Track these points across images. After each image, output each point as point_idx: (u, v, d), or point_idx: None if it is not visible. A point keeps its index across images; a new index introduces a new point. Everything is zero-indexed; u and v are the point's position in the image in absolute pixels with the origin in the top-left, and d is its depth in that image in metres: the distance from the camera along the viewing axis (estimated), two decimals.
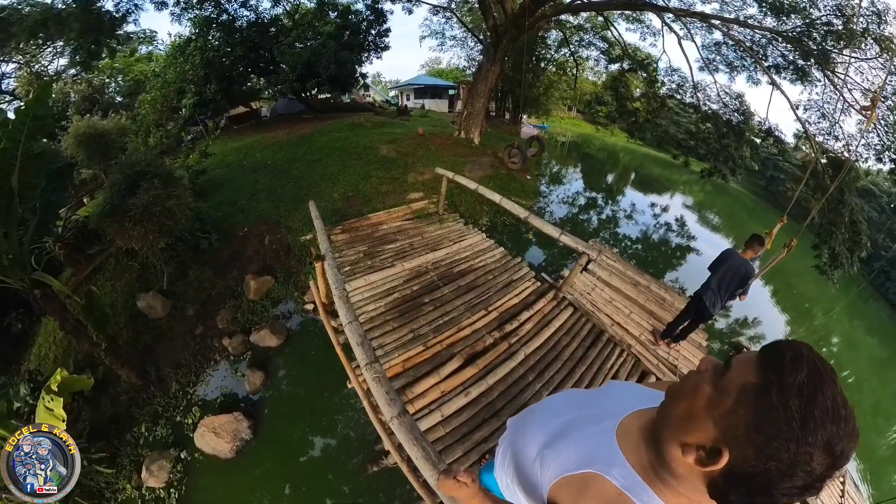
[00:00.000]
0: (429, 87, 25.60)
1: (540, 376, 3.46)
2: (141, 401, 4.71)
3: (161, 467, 3.85)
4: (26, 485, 2.13)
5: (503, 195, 8.05)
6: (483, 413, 3.03)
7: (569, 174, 15.74)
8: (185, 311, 5.81)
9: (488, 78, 10.50)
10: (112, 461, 4.09)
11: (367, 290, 4.33)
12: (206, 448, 3.97)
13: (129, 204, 4.99)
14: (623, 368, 3.78)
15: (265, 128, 13.63)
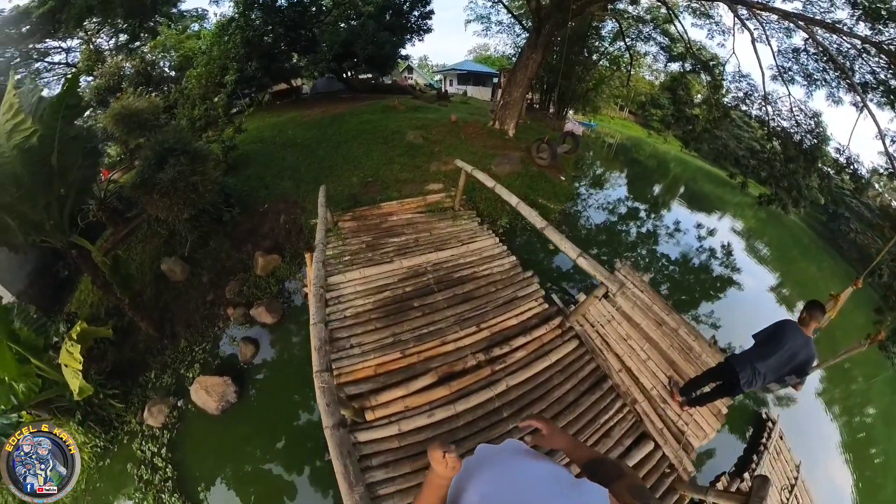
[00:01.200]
0: (472, 74, 25.28)
1: (517, 415, 3.15)
2: (155, 350, 5.40)
3: (160, 411, 4.49)
4: (26, 485, 2.13)
5: (530, 196, 8.04)
6: (441, 438, 2.97)
7: (612, 179, 14.80)
8: (200, 277, 6.37)
9: (529, 66, 10.09)
10: (124, 397, 4.81)
11: (360, 283, 4.47)
12: (198, 402, 4.53)
13: (157, 178, 5.55)
14: (619, 427, 3.28)
15: (303, 105, 14.18)
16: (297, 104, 14.75)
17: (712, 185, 18.57)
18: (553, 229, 3.70)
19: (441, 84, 27.83)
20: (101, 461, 4.34)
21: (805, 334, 2.86)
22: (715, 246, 10.21)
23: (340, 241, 5.54)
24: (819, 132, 9.72)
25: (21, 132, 3.64)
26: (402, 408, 3.09)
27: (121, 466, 4.26)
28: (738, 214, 14.55)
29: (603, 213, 10.61)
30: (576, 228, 8.84)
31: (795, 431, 4.80)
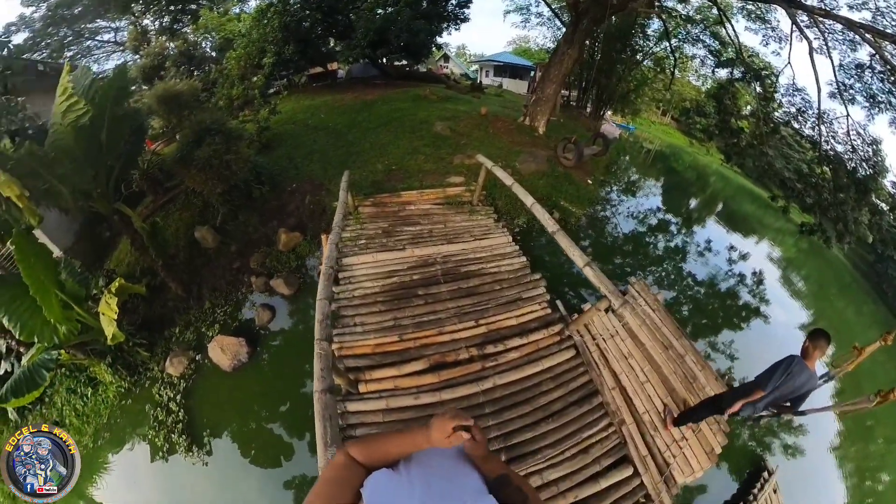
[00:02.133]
0: (509, 66, 24.88)
1: (498, 414, 3.25)
2: (181, 309, 5.96)
3: (180, 362, 5.07)
4: (26, 485, 2.14)
5: (553, 197, 8.02)
6: (422, 422, 3.16)
7: (645, 187, 14.11)
8: (229, 247, 6.88)
9: (564, 62, 9.88)
10: (150, 348, 5.41)
11: (372, 266, 4.73)
12: (214, 358, 5.04)
13: (194, 154, 6.08)
14: (600, 445, 3.21)
15: (338, 89, 14.55)
16: (331, 88, 15.15)
17: (753, 206, 17.19)
18: (563, 234, 3.63)
19: (477, 75, 27.62)
20: (124, 400, 4.96)
21: (810, 368, 2.71)
22: (746, 272, 9.53)
23: (359, 224, 5.81)
24: (877, 161, 9.06)
25: (74, 112, 4.06)
26: (391, 386, 3.36)
27: (140, 407, 4.86)
28: (777, 241, 13.46)
29: (631, 221, 10.14)
30: (602, 235, 8.62)
31: (795, 486, 4.46)
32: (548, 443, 3.13)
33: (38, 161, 4.18)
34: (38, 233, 4.91)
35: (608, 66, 15.33)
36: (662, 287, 7.49)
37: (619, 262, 7.94)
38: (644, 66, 16.86)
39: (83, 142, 4.37)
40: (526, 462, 3.01)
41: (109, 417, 4.82)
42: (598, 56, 15.18)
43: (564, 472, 3.02)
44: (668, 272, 8.28)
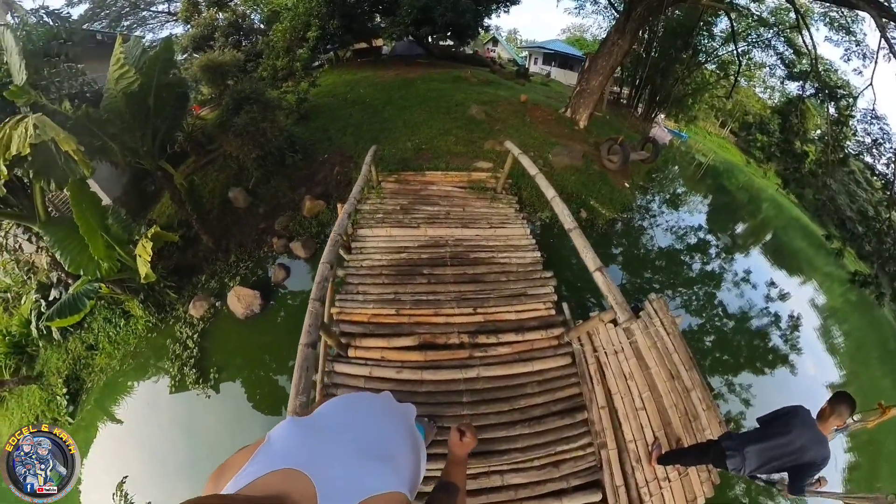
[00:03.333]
0: (559, 55, 23.91)
1: (474, 406, 3.22)
2: (209, 260, 6.61)
3: (202, 306, 5.73)
4: (26, 485, 2.13)
5: (582, 195, 7.81)
6: (399, 397, 3.18)
7: (690, 202, 12.89)
8: (258, 208, 7.37)
9: (613, 53, 9.38)
10: (178, 290, 6.13)
11: (384, 240, 4.90)
12: (231, 306, 5.66)
13: (233, 121, 6.61)
14: (573, 463, 3.06)
15: (380, 66, 14.72)
16: (374, 64, 15.34)
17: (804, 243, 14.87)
18: (580, 233, 3.38)
19: (525, 61, 26.89)
20: (150, 333, 5.66)
21: (820, 431, 2.33)
22: (783, 313, 8.60)
23: (379, 199, 5.99)
24: None
25: (126, 79, 4.55)
26: (378, 356, 3.49)
27: (162, 341, 5.50)
28: (823, 286, 11.78)
29: (669, 236, 9.35)
30: (634, 245, 8.17)
31: None
32: (518, 446, 3.05)
33: (93, 121, 4.76)
34: (91, 183, 5.50)
35: (666, 65, 14.27)
36: (689, 312, 7.03)
37: (647, 276, 7.56)
38: (706, 69, 15.42)
39: (132, 106, 4.89)
40: (490, 460, 2.98)
41: (136, 346, 5.55)
42: (655, 52, 14.23)
43: (528, 480, 2.95)
44: (697, 296, 7.66)
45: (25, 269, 7.56)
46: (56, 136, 3.81)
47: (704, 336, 6.74)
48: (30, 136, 3.64)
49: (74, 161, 4.16)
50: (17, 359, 6.37)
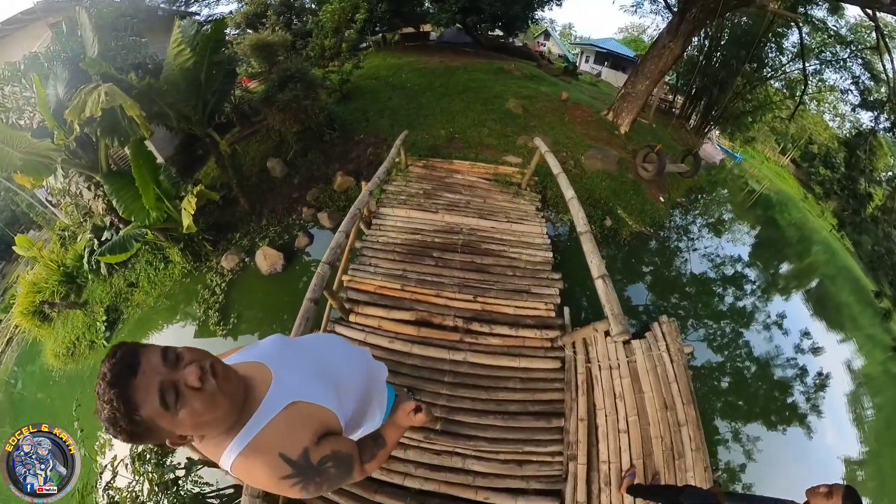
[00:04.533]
0: (611, 54, 23.10)
1: (453, 387, 3.34)
2: (244, 220, 7.30)
3: (232, 259, 6.46)
4: (26, 485, 2.15)
5: (610, 202, 7.66)
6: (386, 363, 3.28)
7: (732, 231, 11.73)
8: (293, 178, 7.92)
9: (663, 56, 9.02)
10: (214, 244, 6.86)
11: (402, 220, 5.20)
12: (257, 262, 6.34)
13: (277, 97, 7.14)
14: (536, 467, 3.04)
15: (426, 52, 14.91)
16: (420, 50, 15.55)
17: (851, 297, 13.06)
18: (590, 238, 3.32)
19: (577, 58, 26.22)
20: (185, 279, 6.46)
21: None
22: (811, 369, 7.72)
23: (405, 181, 6.27)
24: None
25: (182, 57, 5.12)
26: (375, 325, 3.78)
27: (194, 287, 6.24)
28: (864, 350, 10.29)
29: (703, 262, 8.67)
30: (663, 264, 7.78)
31: None
32: (487, 436, 3.11)
33: (153, 91, 5.41)
34: (148, 143, 6.11)
35: (725, 76, 13.18)
36: (711, 347, 6.67)
37: (673, 300, 7.18)
38: (770, 86, 14.05)
39: (187, 80, 5.53)
40: (457, 442, 3.09)
41: (171, 289, 6.35)
42: (715, 61, 13.43)
43: (490, 470, 3.02)
44: (723, 332, 7.11)
45: (83, 213, 8.58)
46: (123, 103, 4.39)
47: (721, 375, 6.30)
48: (101, 102, 4.20)
49: (136, 124, 4.79)
50: (68, 287, 7.42)
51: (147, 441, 0.82)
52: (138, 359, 0.79)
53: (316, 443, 0.97)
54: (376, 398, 1.49)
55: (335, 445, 1.02)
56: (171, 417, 0.79)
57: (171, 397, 0.78)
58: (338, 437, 1.07)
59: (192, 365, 0.83)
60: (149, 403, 0.76)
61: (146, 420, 0.77)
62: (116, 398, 0.74)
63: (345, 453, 1.04)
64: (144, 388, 0.76)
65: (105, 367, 0.76)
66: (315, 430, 1.00)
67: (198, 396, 0.81)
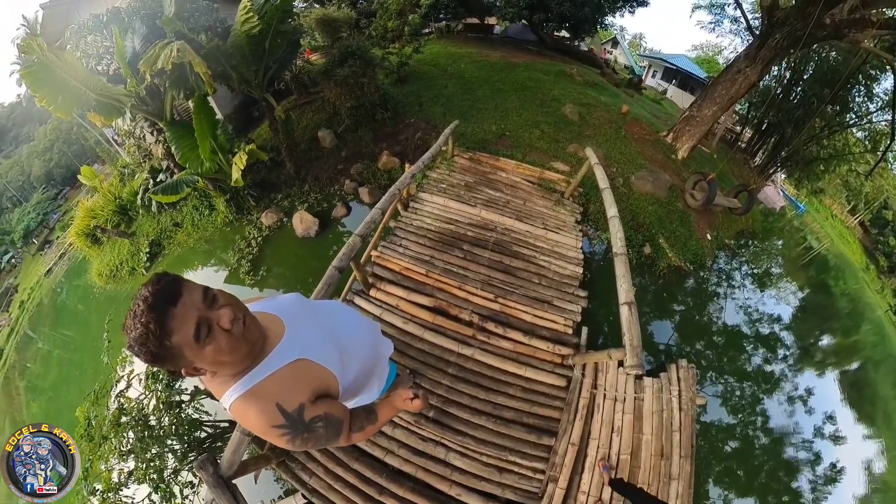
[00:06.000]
0: (681, 72, 21.91)
1: (455, 380, 3.39)
2: (287, 183, 7.73)
3: (271, 217, 6.94)
4: (26, 485, 2.15)
5: (653, 229, 7.34)
6: (395, 343, 3.42)
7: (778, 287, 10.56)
8: (340, 151, 8.17)
9: (736, 82, 8.43)
10: (257, 200, 7.37)
11: (439, 208, 5.25)
12: (293, 224, 6.75)
13: (336, 71, 7.43)
14: (517, 478, 3.06)
15: (487, 44, 14.74)
16: (482, 42, 15.39)
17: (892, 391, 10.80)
18: (624, 261, 3.21)
19: (643, 71, 25.20)
20: (225, 227, 7.04)
21: None
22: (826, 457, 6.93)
23: (448, 171, 6.29)
24: None
25: (249, 24, 5.38)
26: (393, 303, 3.89)
27: (233, 236, 6.77)
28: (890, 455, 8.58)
29: (738, 313, 7.99)
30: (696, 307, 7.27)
31: None
32: (475, 435, 3.15)
33: (220, 53, 5.83)
34: (210, 100, 6.69)
35: (803, 114, 11.79)
36: (726, 405, 6.23)
37: (698, 347, 6.76)
38: (851, 134, 12.59)
39: (252, 46, 5.87)
40: (445, 433, 3.15)
41: (211, 234, 6.98)
42: (794, 96, 12.41)
43: (469, 469, 3.06)
44: (742, 394, 6.60)
45: (143, 154, 9.27)
46: (192, 60, 4.77)
47: (729, 438, 5.90)
48: (173, 57, 4.59)
49: (202, 81, 5.16)
50: (120, 217, 8.30)
51: (165, 366, 0.85)
52: (181, 290, 0.84)
53: (312, 401, 1.02)
54: (377, 372, 1.55)
55: (329, 408, 1.07)
56: (197, 350, 0.84)
57: (203, 332, 0.84)
58: (333, 401, 1.12)
59: (226, 308, 0.89)
60: (182, 333, 0.81)
61: (174, 347, 0.81)
62: (154, 321, 0.78)
63: (336, 417, 1.08)
64: (181, 318, 0.81)
65: (147, 290, 0.80)
66: (314, 388, 1.05)
67: (225, 337, 0.87)
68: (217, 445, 3.94)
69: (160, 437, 3.49)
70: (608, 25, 14.87)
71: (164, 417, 3.63)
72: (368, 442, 3.13)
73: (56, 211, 29.29)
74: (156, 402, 3.69)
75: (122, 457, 3.44)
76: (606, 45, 29.37)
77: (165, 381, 3.77)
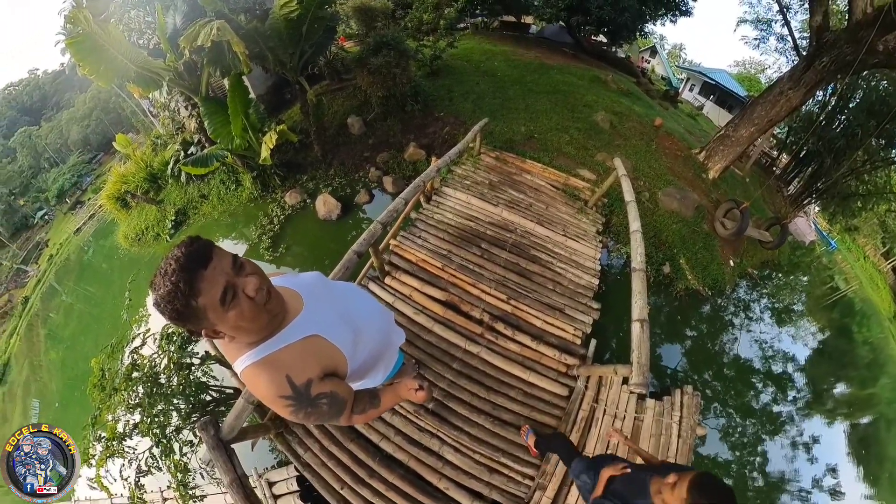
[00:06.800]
0: (719, 88, 21.20)
1: (459, 375, 3.41)
2: (314, 166, 7.96)
3: (295, 197, 7.29)
4: (26, 485, 2.16)
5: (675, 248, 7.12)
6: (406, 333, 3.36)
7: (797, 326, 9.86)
8: (368, 139, 8.32)
9: (778, 104, 8.03)
10: (283, 179, 7.66)
11: (461, 206, 5.24)
12: (316, 206, 7.00)
13: (370, 60, 7.53)
14: (505, 481, 3.07)
15: (522, 44, 14.59)
16: (517, 41, 15.24)
17: None
18: (642, 278, 3.17)
19: (680, 84, 24.55)
20: (250, 203, 7.31)
21: None
22: None
23: (473, 168, 6.28)
24: None
25: (287, 7, 5.51)
26: (407, 293, 3.94)
27: (256, 212, 7.03)
28: None
29: (751, 346, 7.59)
30: (709, 335, 7.03)
31: None
32: (471, 432, 3.18)
33: (258, 34, 5.97)
34: (245, 79, 6.79)
35: (844, 145, 11.18)
36: (725, 440, 6.02)
37: (706, 377, 6.54)
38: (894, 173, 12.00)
39: (289, 30, 6.01)
40: (442, 427, 3.20)
41: (235, 208, 7.27)
42: (837, 124, 11.84)
43: (460, 464, 3.10)
44: (744, 431, 6.30)
45: (176, 127, 9.62)
46: (230, 39, 4.94)
47: (724, 475, 5.65)
48: (212, 35, 4.75)
49: (239, 60, 5.33)
50: (150, 184, 8.71)
51: (187, 325, 0.88)
52: (212, 255, 0.87)
53: (321, 378, 1.06)
54: (385, 359, 1.58)
55: (335, 387, 1.10)
56: (221, 313, 0.87)
57: (228, 296, 0.87)
58: (340, 381, 1.15)
59: (253, 276, 0.93)
60: (209, 295, 0.84)
61: (199, 307, 0.84)
62: (183, 281, 0.81)
63: (340, 397, 1.11)
64: (210, 281, 0.84)
65: (180, 251, 0.84)
66: (324, 366, 1.09)
67: (248, 304, 0.91)
68: (220, 410, 4.07)
69: (167, 396, 3.62)
70: (648, 33, 14.43)
71: (174, 377, 3.77)
72: (366, 425, 3.21)
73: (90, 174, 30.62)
74: (167, 361, 3.83)
75: (129, 409, 3.61)
76: (644, 54, 28.57)
77: (179, 343, 3.91)
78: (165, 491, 4.18)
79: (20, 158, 35.76)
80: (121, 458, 3.50)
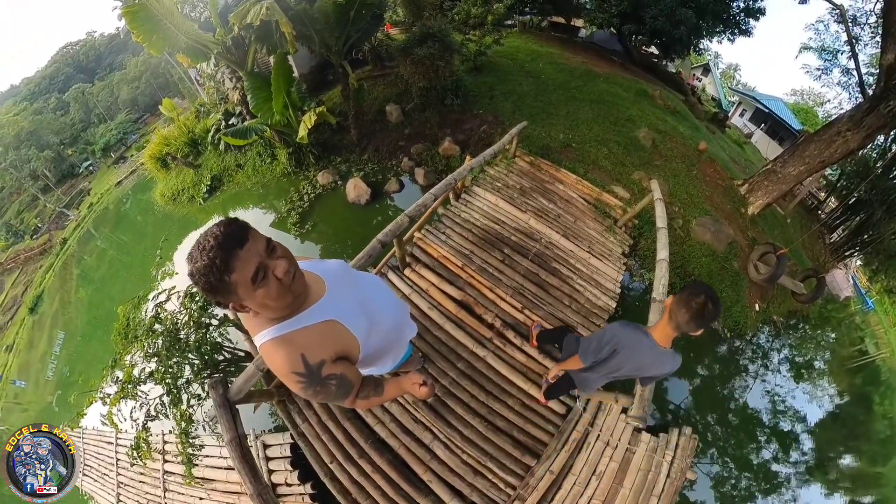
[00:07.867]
0: (772, 117, 20.14)
1: (462, 376, 3.46)
2: (349, 149, 8.17)
3: (327, 178, 7.53)
4: (26, 485, 2.18)
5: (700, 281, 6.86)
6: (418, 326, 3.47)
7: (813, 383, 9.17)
8: (405, 128, 8.39)
9: (833, 145, 7.40)
10: (317, 158, 7.92)
11: (489, 207, 5.19)
12: (346, 189, 7.21)
13: (414, 50, 7.54)
14: (488, 486, 3.09)
15: (569, 47, 14.29)
16: (564, 43, 14.95)
17: None
18: (661, 309, 3.07)
19: (730, 108, 23.56)
20: (283, 178, 7.63)
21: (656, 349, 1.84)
22: None
23: (506, 170, 6.21)
24: None
25: None
26: (424, 286, 3.98)
27: (287, 187, 7.34)
28: None
29: (763, 398, 7.22)
30: (721, 378, 6.70)
31: None
32: (463, 432, 3.21)
33: (306, 16, 6.13)
34: (290, 58, 7.02)
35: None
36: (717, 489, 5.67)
37: (708, 419, 6.24)
38: None
39: (337, 13, 6.18)
40: (437, 422, 3.28)
41: (268, 181, 7.59)
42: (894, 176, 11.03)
43: (446, 461, 3.15)
44: (737, 482, 5.99)
45: (220, 98, 10.00)
46: (279, 19, 5.09)
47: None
48: (262, 14, 4.93)
49: (285, 39, 5.47)
50: (190, 149, 9.08)
51: (218, 297, 0.95)
52: (248, 237, 0.93)
53: (333, 360, 1.13)
54: (395, 350, 1.69)
55: (346, 370, 1.18)
56: (250, 291, 0.94)
57: (259, 276, 0.94)
58: (351, 366, 1.23)
59: (283, 259, 0.99)
60: (242, 273, 0.90)
61: (231, 283, 0.90)
62: (220, 258, 0.87)
63: (349, 381, 1.19)
64: (244, 260, 0.90)
65: (219, 230, 0.90)
66: (338, 350, 1.16)
67: (276, 284, 0.98)
68: (230, 370, 4.30)
69: (184, 350, 3.83)
70: (702, 49, 13.84)
71: (192, 334, 3.97)
72: None
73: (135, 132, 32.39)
74: (188, 318, 4.03)
75: (147, 357, 3.83)
76: (696, 71, 27.44)
77: (201, 303, 4.11)
78: (167, 435, 4.50)
79: (72, 112, 38.70)
80: (133, 401, 3.72)
